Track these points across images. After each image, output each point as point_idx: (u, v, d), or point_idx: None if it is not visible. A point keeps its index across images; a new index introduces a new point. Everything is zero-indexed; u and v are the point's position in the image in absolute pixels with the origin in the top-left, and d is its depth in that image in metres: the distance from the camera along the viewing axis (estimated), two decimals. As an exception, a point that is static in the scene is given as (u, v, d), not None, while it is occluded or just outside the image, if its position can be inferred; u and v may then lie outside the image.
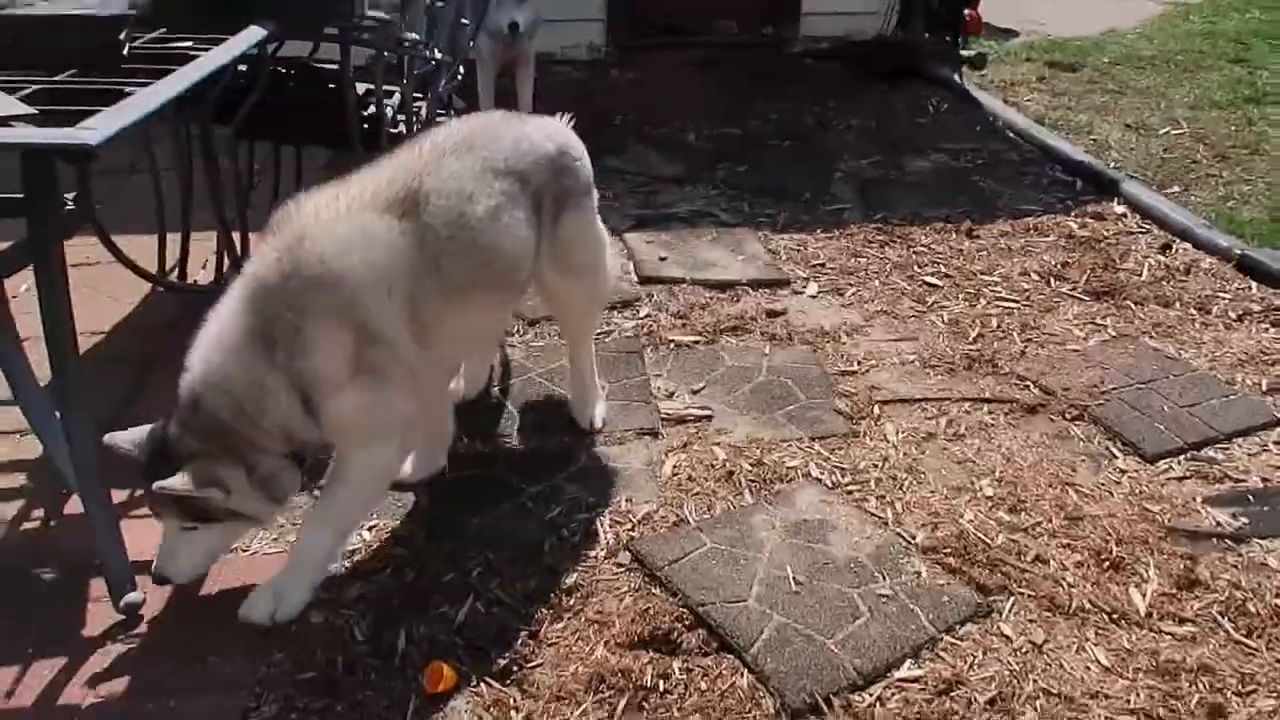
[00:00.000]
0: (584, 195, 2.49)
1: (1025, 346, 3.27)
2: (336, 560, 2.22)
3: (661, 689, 1.97)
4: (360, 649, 2.04)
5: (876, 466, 2.67)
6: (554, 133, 2.44)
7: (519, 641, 2.07)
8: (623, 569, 2.28)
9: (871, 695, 1.98)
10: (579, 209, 2.47)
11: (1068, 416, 2.89)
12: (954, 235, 4.13)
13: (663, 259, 3.81)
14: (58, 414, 2.06)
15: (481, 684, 1.98)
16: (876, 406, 2.94)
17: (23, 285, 2.17)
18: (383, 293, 1.99)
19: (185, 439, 1.94)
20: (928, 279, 3.75)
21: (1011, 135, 5.32)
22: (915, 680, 2.01)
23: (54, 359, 1.93)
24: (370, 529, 2.38)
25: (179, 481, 1.89)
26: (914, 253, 3.98)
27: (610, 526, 2.41)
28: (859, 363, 3.19)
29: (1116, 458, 2.73)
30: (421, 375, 2.09)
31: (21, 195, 1.85)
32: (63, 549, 2.26)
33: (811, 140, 5.22)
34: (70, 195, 2.05)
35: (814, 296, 3.64)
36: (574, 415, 2.79)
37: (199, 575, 2.12)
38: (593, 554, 2.32)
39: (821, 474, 2.64)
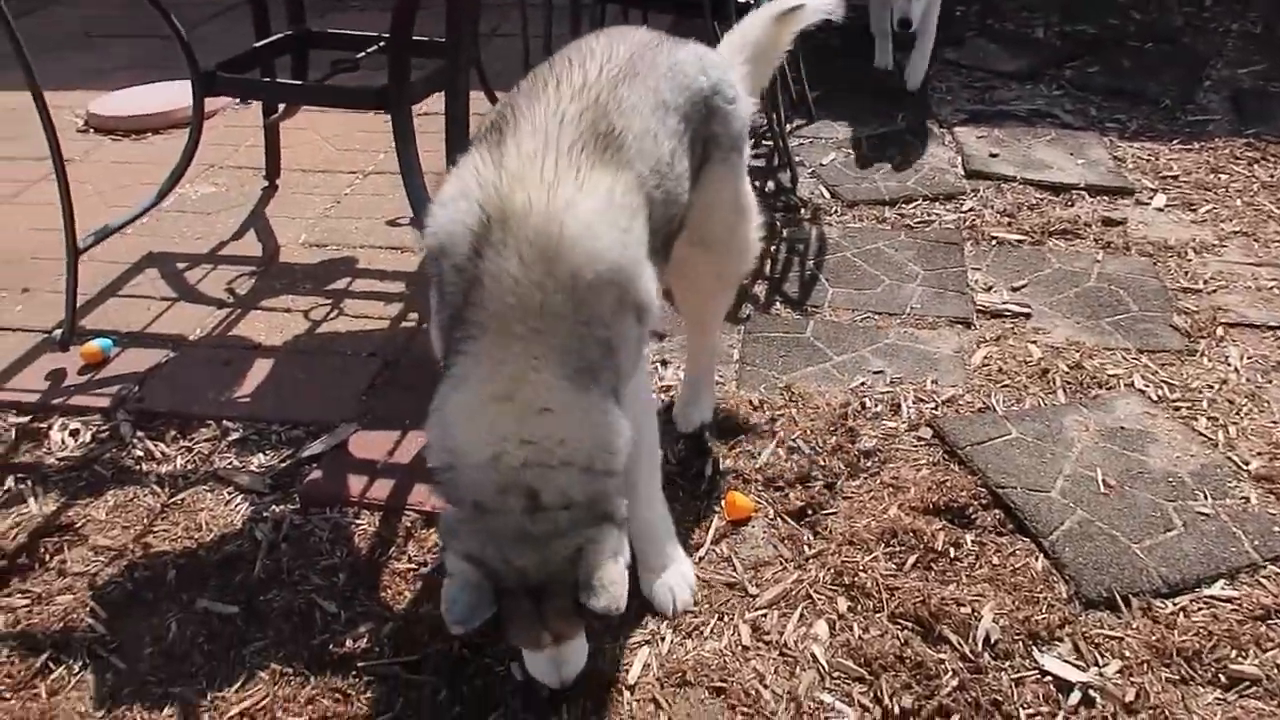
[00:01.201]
0: (732, 148, 2.00)
1: None
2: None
3: (952, 555, 2.02)
4: (671, 469, 2.25)
5: (1212, 388, 2.49)
6: (708, 64, 1.94)
7: (815, 489, 2.19)
8: (922, 443, 2.32)
9: (1175, 605, 1.91)
10: (725, 164, 1.99)
11: None
12: (1346, 159, 3.60)
13: (993, 155, 3.66)
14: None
15: (778, 519, 2.13)
16: (1220, 328, 2.71)
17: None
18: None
19: (543, 547, 1.50)
20: (1304, 203, 3.33)
21: None
22: (1228, 600, 1.92)
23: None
24: (683, 369, 2.57)
25: (612, 585, 1.49)
26: (1290, 174, 3.53)
27: (913, 402, 2.44)
28: (1205, 281, 2.93)
29: None
30: None
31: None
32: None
33: (1179, 43, 4.70)
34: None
35: (1161, 209, 3.36)
36: (674, 414, 2.35)
37: None
38: (893, 425, 2.38)
39: (1146, 386, 2.50)
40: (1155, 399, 2.45)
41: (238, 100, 3.88)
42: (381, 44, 2.69)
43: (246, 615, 1.92)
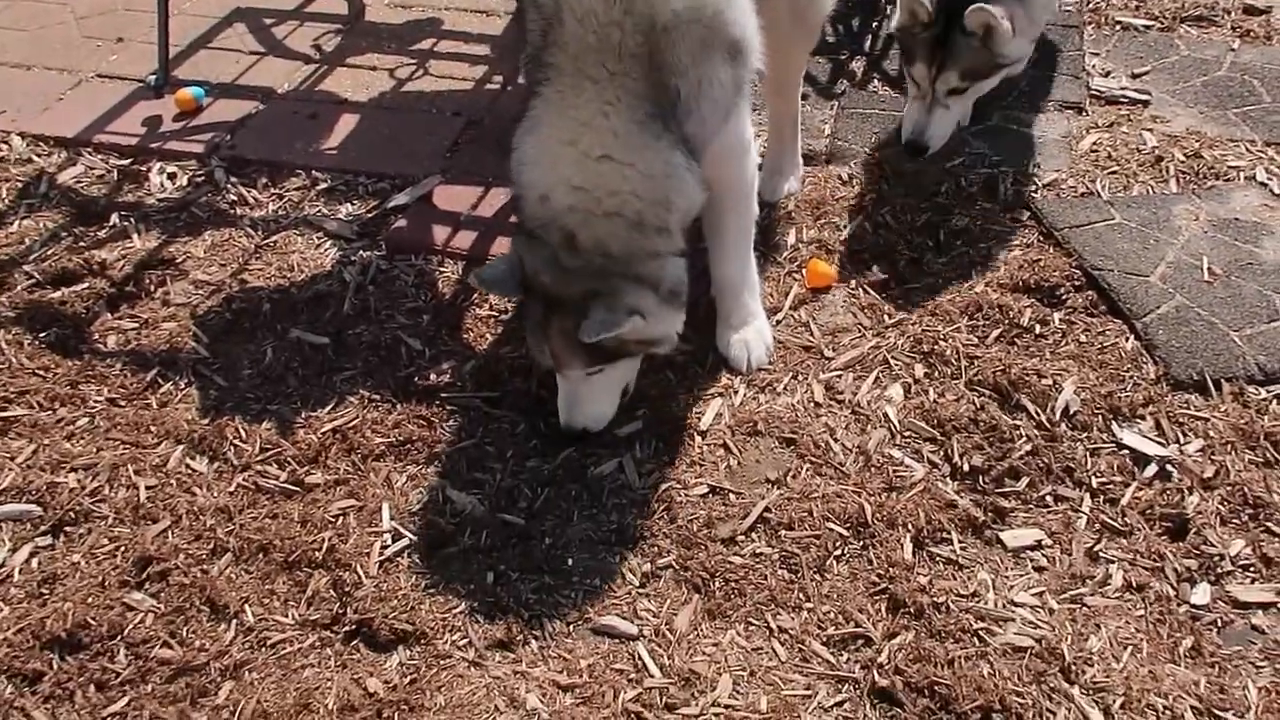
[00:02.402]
0: None
1: None
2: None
3: (1037, 331, 1.97)
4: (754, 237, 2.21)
5: (1344, 185, 2.31)
6: None
7: (901, 263, 2.14)
8: (1018, 224, 2.23)
9: (1270, 392, 1.85)
10: None
11: None
12: None
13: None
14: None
15: (860, 289, 2.09)
16: (1362, 124, 2.49)
17: None
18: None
19: (569, 278, 1.60)
20: None
21: None
22: (1326, 391, 1.85)
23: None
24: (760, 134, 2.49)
25: (600, 324, 1.57)
26: None
27: (1012, 184, 2.33)
28: (1352, 76, 2.67)
29: None
30: None
31: None
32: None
33: None
34: None
35: (1312, -2, 3.03)
36: (760, 184, 2.02)
37: (608, 420, 1.80)
38: (989, 206, 2.28)
39: (1269, 180, 2.33)
40: (1278, 193, 2.29)
41: None
42: None
43: (336, 346, 2.00)
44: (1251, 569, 1.60)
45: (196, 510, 1.71)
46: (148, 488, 1.75)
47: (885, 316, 2.03)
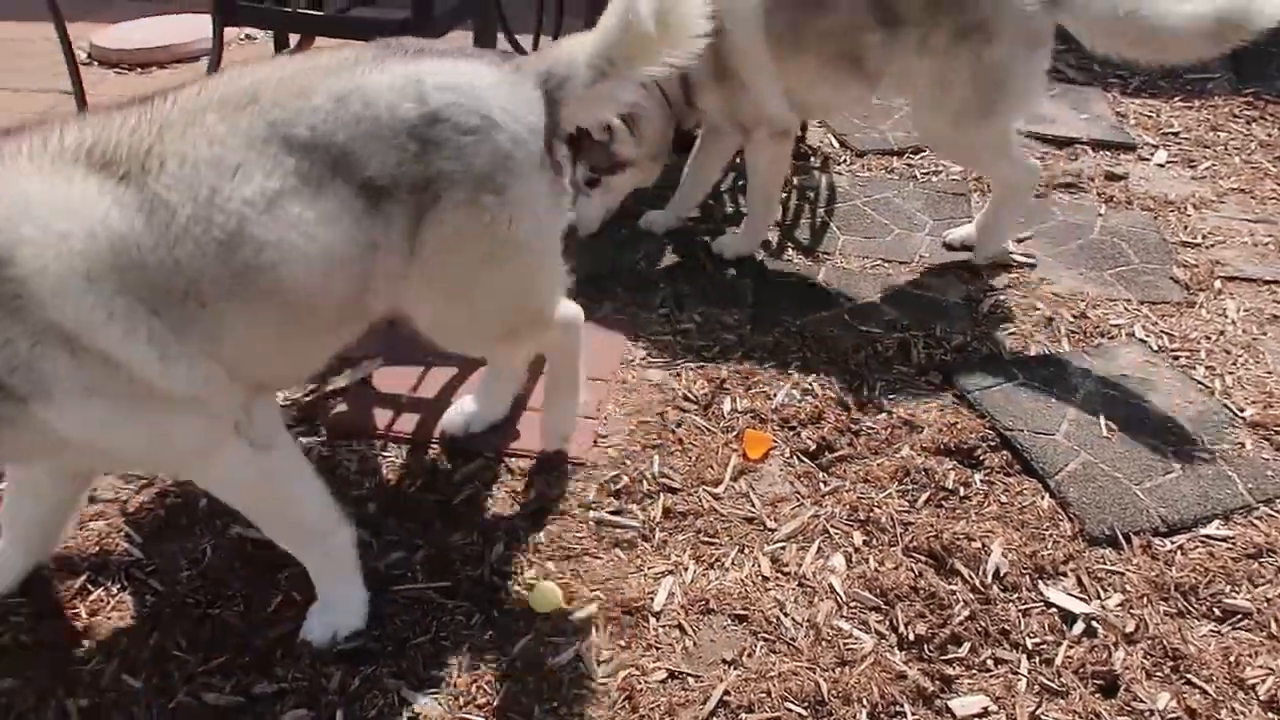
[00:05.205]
0: (478, 187, 1.62)
1: None
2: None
3: (961, 494, 2.10)
4: (691, 408, 2.31)
5: (1210, 339, 2.57)
6: (428, 86, 1.58)
7: (829, 428, 2.25)
8: (932, 387, 2.39)
9: (1173, 543, 2.00)
10: (466, 208, 1.62)
11: None
12: (1342, 119, 3.67)
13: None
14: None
15: (794, 458, 2.19)
16: (1219, 281, 2.79)
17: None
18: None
19: None
20: (1300, 162, 3.40)
21: None
22: (1223, 539, 2.01)
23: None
24: (699, 313, 2.62)
25: None
26: (1288, 133, 3.60)
27: (923, 348, 2.51)
28: (1204, 236, 3.00)
29: None
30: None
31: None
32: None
33: (1182, 0, 4.71)
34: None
35: (1161, 165, 3.42)
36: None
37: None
38: (903, 369, 2.44)
39: (1147, 337, 2.57)
40: (1155, 349, 2.53)
41: (243, 34, 3.82)
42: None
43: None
44: (1180, 722, 1.70)
45: (136, 733, 1.63)
46: (80, 710, 1.66)
47: (821, 484, 2.13)
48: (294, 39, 2.90)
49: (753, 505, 2.08)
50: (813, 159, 3.41)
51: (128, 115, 1.47)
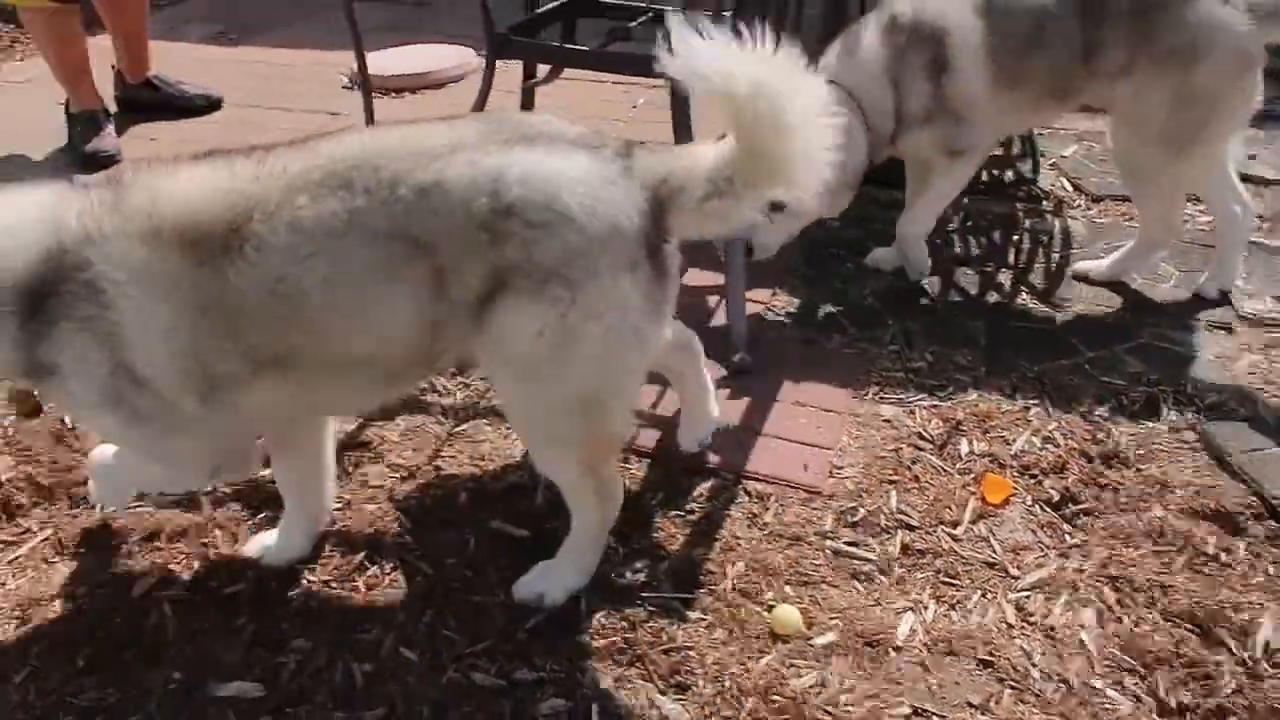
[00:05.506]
0: (546, 279, 1.61)
1: None
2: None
3: (1223, 560, 2.00)
4: (926, 446, 2.30)
5: None
6: (508, 180, 1.59)
7: (1073, 479, 2.20)
8: (1185, 446, 2.29)
9: None
10: (531, 297, 1.62)
11: None
12: None
13: (1251, 156, 3.49)
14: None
15: (1036, 506, 2.15)
16: None
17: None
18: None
19: None
20: None
21: None
22: None
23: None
24: (930, 351, 2.61)
25: None
26: None
27: (1173, 404, 2.40)
28: None
29: None
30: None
31: None
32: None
33: None
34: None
35: None
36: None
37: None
38: (1153, 425, 2.35)
39: None
40: None
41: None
42: (652, 13, 2.81)
43: (535, 539, 2.09)
44: None
45: (411, 700, 1.77)
46: (365, 674, 1.83)
47: (1066, 536, 2.07)
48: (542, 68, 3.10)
49: (994, 550, 2.05)
50: (1045, 202, 3.33)
51: (233, 185, 1.62)
